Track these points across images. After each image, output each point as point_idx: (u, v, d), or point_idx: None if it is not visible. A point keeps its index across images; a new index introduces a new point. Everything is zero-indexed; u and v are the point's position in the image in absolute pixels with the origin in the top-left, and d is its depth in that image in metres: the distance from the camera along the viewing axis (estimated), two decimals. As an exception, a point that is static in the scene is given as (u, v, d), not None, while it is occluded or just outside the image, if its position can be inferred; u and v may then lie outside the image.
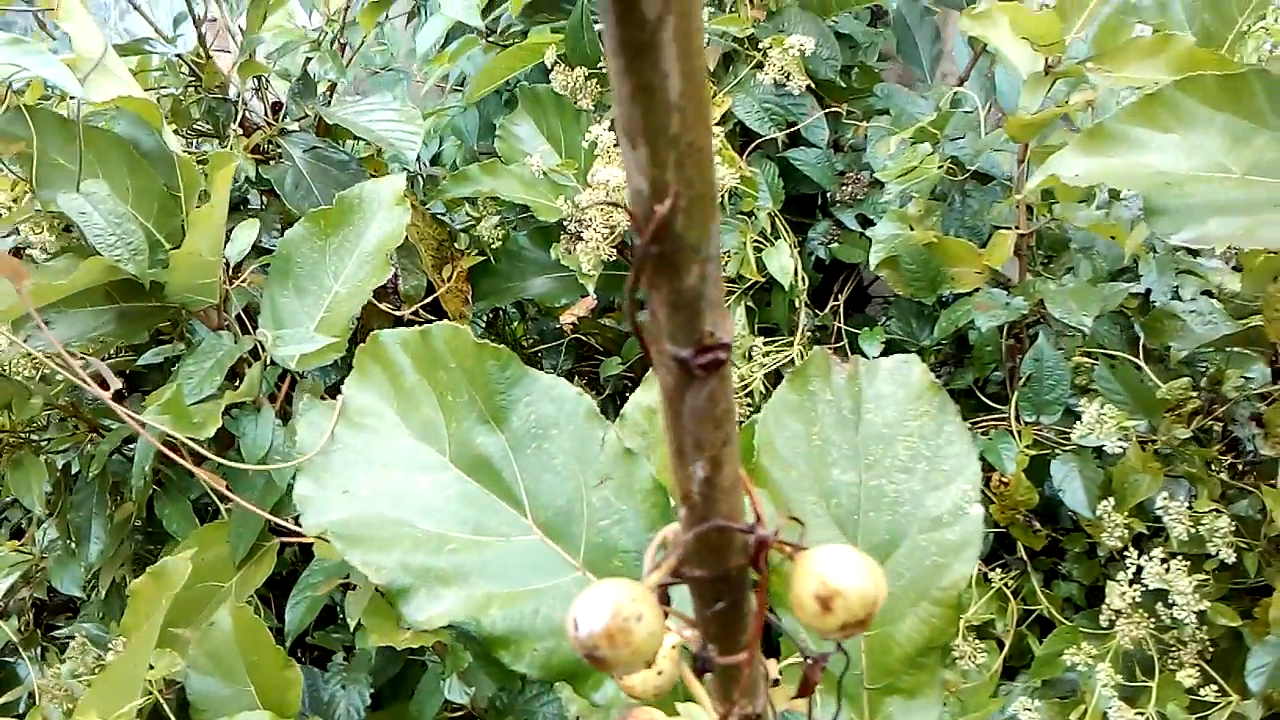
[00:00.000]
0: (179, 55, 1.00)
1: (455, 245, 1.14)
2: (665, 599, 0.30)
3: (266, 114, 1.08)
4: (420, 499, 0.53)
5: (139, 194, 0.75)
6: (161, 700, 0.73)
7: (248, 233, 0.81)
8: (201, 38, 1.01)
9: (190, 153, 1.03)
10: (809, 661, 0.32)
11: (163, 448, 0.63)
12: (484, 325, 1.28)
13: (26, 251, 0.93)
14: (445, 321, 0.57)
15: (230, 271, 0.82)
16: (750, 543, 0.28)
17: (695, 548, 0.28)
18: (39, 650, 1.10)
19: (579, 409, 0.54)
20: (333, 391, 1.01)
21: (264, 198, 1.08)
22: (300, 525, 0.63)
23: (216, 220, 0.72)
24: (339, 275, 0.84)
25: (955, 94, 1.13)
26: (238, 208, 1.08)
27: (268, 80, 1.08)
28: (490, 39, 1.32)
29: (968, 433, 0.60)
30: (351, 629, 0.76)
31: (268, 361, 0.78)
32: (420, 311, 1.07)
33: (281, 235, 1.06)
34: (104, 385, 0.56)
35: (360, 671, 0.81)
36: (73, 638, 0.99)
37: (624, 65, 0.19)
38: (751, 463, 0.62)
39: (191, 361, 0.75)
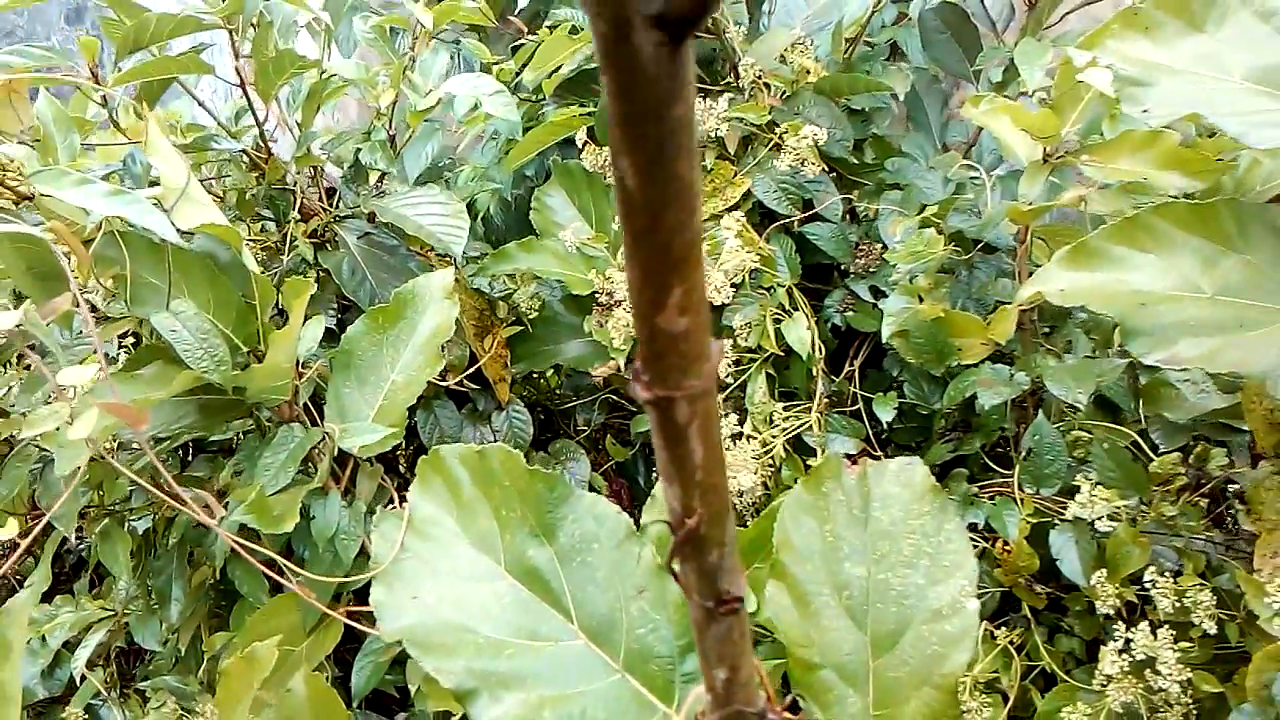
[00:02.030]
0: (244, 151, 1.09)
1: (495, 314, 1.22)
2: (695, 750, 0.38)
3: (321, 199, 1.17)
4: (480, 606, 0.61)
5: (219, 305, 0.84)
6: (246, 760, 0.82)
7: (315, 329, 0.89)
8: (263, 133, 1.10)
9: (254, 240, 1.13)
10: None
11: (239, 547, 0.72)
12: (520, 380, 1.36)
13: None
14: (499, 444, 0.65)
15: (299, 365, 0.91)
16: (761, 722, 0.36)
17: (719, 723, 0.36)
18: (118, 692, 1.20)
19: (618, 527, 0.62)
20: (381, 459, 1.10)
21: (319, 275, 1.16)
22: (370, 616, 0.72)
23: (293, 337, 0.81)
24: (396, 365, 0.92)
25: (962, 166, 1.20)
26: (295, 286, 1.17)
27: (322, 168, 1.17)
28: (521, 96, 1.40)
29: (965, 531, 0.67)
30: (412, 694, 0.85)
31: (335, 451, 0.86)
32: (464, 381, 1.16)
33: (338, 313, 1.15)
34: (210, 512, 0.65)
35: (420, 730, 0.90)
36: (151, 686, 1.09)
37: (663, 444, 0.27)
38: (772, 558, 0.69)
39: (268, 453, 0.84)
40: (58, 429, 0.66)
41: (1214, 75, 0.77)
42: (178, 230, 0.77)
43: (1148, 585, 0.84)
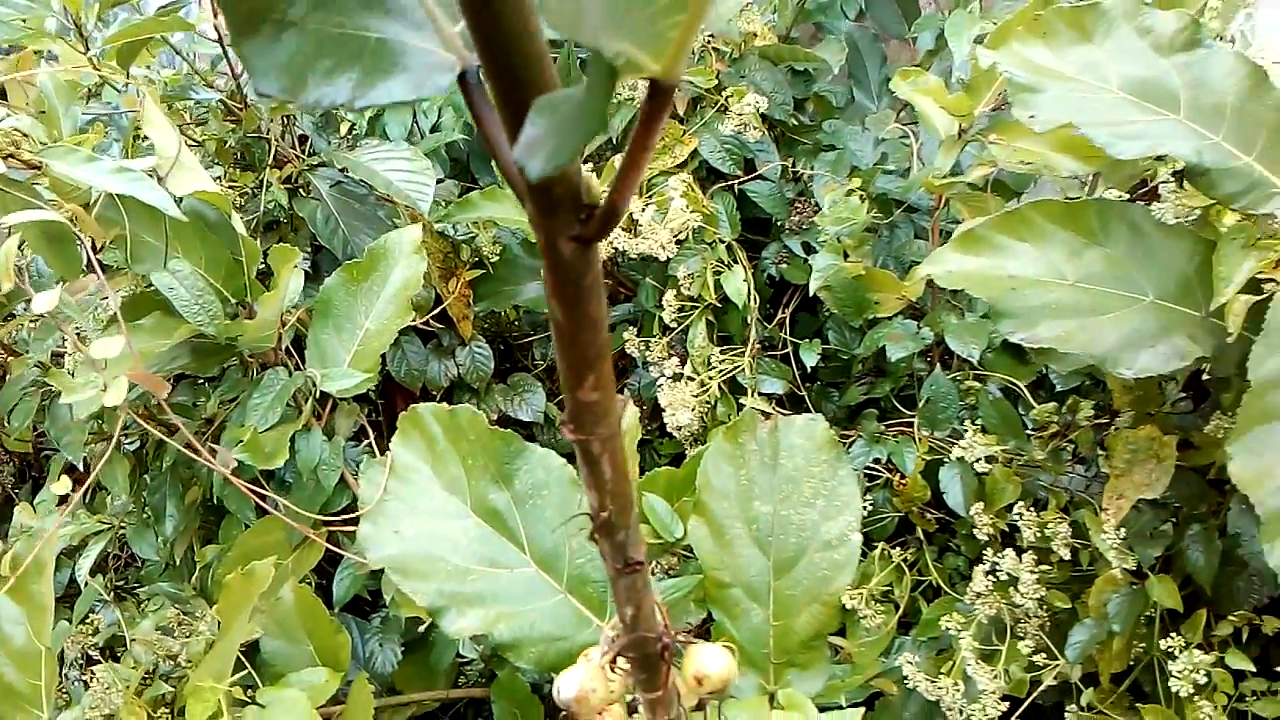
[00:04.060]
0: (222, 101, 1.17)
1: (458, 257, 1.32)
2: (614, 664, 0.51)
3: (294, 146, 1.25)
4: (449, 539, 0.74)
5: (210, 261, 0.94)
6: (243, 659, 0.95)
7: (295, 282, 0.99)
8: (239, 85, 1.17)
9: (232, 186, 1.21)
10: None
11: (233, 478, 0.84)
12: (481, 316, 1.47)
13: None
14: (466, 405, 0.76)
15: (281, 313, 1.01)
16: (659, 644, 0.49)
17: (628, 644, 0.49)
18: (113, 595, 1.32)
19: (563, 476, 0.74)
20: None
21: (294, 220, 1.25)
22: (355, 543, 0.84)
23: (280, 298, 0.91)
24: (369, 314, 1.02)
25: (894, 127, 1.30)
26: (271, 228, 1.26)
27: (295, 116, 1.24)
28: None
29: (855, 477, 0.81)
30: (387, 601, 0.98)
31: (317, 394, 0.97)
32: (430, 320, 1.26)
33: (311, 254, 1.25)
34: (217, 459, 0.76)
35: (393, 633, 1.03)
36: (148, 592, 1.22)
37: (584, 466, 0.39)
38: (695, 496, 0.82)
39: (257, 395, 0.95)
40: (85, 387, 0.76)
41: (1096, 83, 0.88)
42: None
43: (1016, 517, 0.99)
